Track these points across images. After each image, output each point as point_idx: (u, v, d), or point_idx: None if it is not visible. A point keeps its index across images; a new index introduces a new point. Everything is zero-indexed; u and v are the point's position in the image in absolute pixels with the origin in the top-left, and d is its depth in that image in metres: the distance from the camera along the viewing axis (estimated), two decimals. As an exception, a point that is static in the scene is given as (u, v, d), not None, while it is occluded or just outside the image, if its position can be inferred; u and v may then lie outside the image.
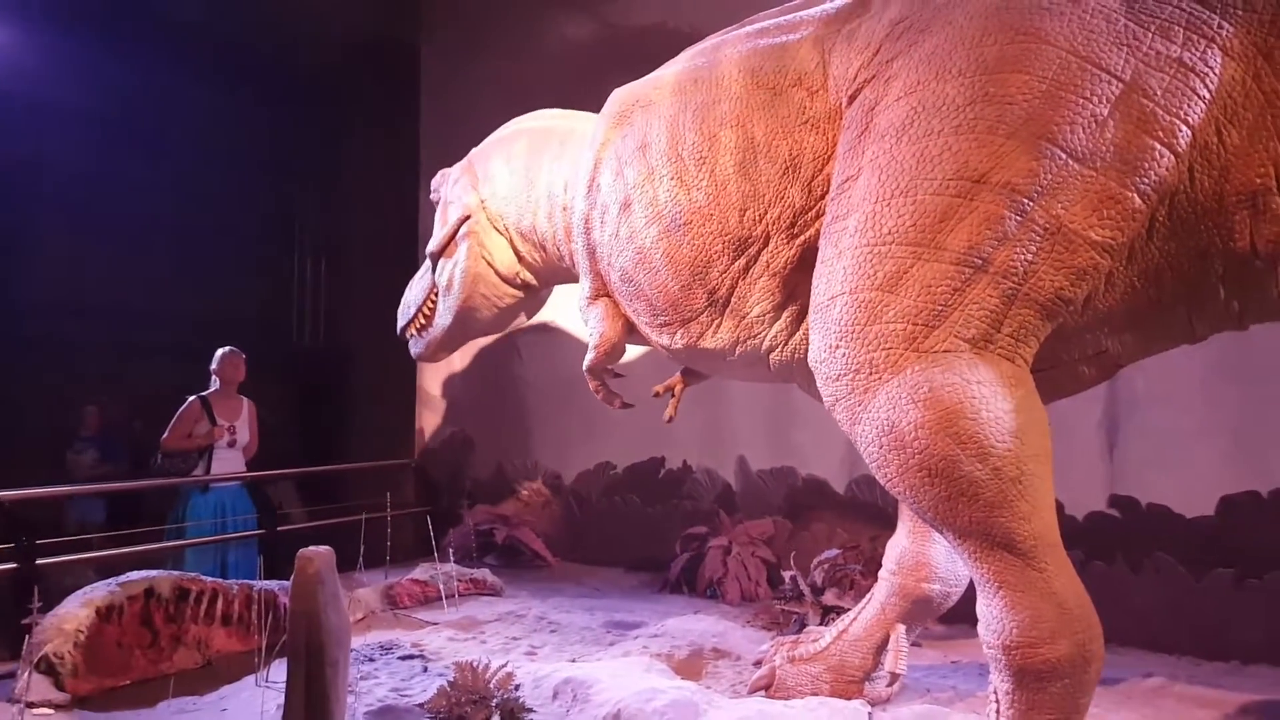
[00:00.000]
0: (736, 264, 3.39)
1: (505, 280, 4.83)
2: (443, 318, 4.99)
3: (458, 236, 4.83)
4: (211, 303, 8.47)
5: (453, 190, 4.96)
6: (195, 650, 4.38)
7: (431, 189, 5.24)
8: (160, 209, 8.48)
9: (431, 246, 4.98)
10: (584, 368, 4.22)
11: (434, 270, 5.00)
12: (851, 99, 2.97)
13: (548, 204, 4.46)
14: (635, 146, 3.68)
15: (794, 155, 3.19)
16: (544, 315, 7.28)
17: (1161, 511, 4.85)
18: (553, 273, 4.77)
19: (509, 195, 4.65)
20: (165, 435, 6.46)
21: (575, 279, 4.44)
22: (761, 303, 3.39)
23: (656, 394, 4.38)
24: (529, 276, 4.85)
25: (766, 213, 3.27)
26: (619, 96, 3.97)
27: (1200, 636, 4.62)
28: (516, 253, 4.76)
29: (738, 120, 3.34)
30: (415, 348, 5.30)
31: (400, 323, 5.30)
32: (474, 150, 5.04)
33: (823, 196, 3.11)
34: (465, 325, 5.03)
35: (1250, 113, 2.39)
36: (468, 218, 4.78)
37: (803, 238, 3.21)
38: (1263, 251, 2.49)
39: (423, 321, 5.15)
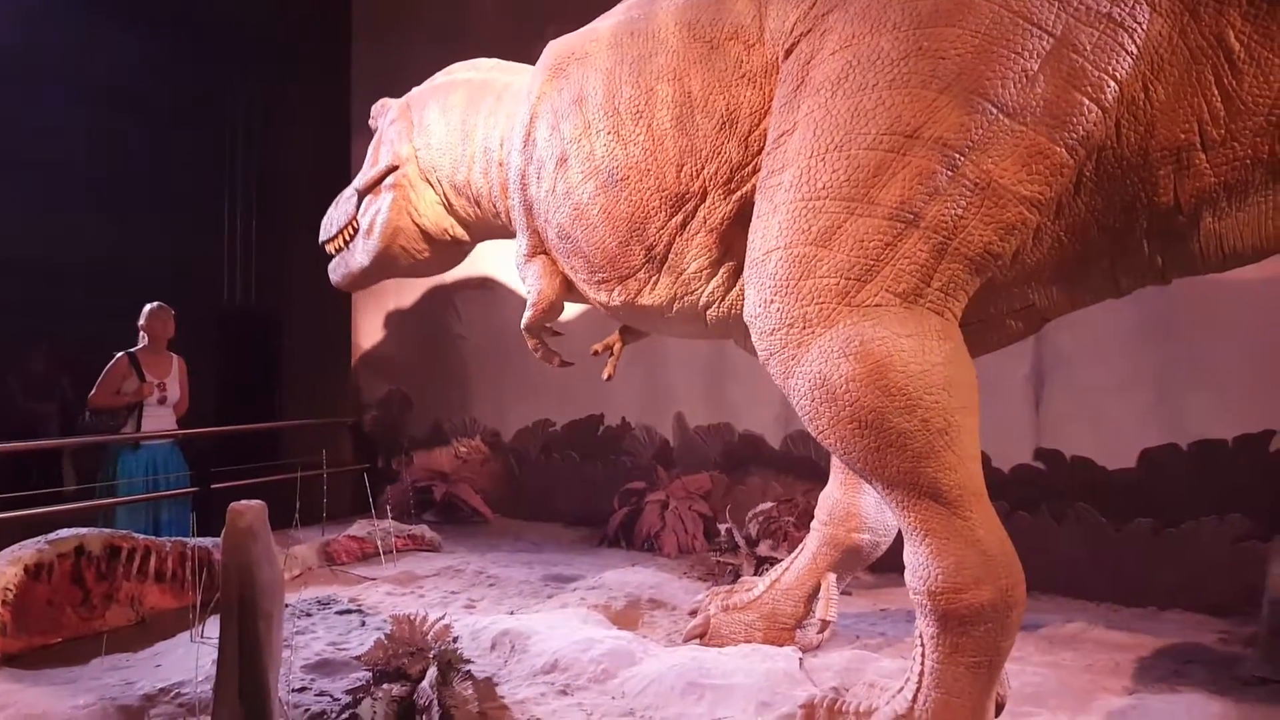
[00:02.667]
0: (674, 220, 3.38)
1: (429, 235, 4.80)
2: (360, 257, 4.97)
3: (384, 184, 4.77)
4: (139, 258, 8.26)
5: (388, 129, 4.87)
6: (128, 608, 4.32)
7: (371, 115, 5.15)
8: (84, 162, 8.22)
9: (358, 184, 4.93)
10: (522, 326, 4.19)
11: (358, 205, 4.95)
12: (788, 53, 2.97)
13: (484, 159, 4.40)
14: (571, 100, 3.64)
15: (731, 110, 3.18)
16: (482, 272, 7.27)
17: (1084, 463, 4.99)
18: (487, 228, 4.72)
19: (443, 147, 4.58)
20: (93, 393, 6.33)
21: (510, 235, 4.40)
22: (699, 259, 3.39)
23: (595, 353, 4.39)
24: (459, 231, 4.81)
25: (704, 168, 3.26)
26: (554, 49, 3.91)
27: (1120, 583, 4.78)
28: (449, 206, 4.71)
29: (674, 74, 3.31)
30: (334, 275, 5.29)
31: (322, 236, 5.27)
32: (414, 91, 4.95)
33: (759, 152, 3.11)
34: (382, 269, 5.04)
35: (1176, 69, 2.43)
36: (396, 167, 4.72)
37: (740, 193, 3.22)
38: (1185, 206, 2.56)
39: (341, 245, 5.13)
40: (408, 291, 7.95)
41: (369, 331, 8.27)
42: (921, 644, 2.71)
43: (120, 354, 6.47)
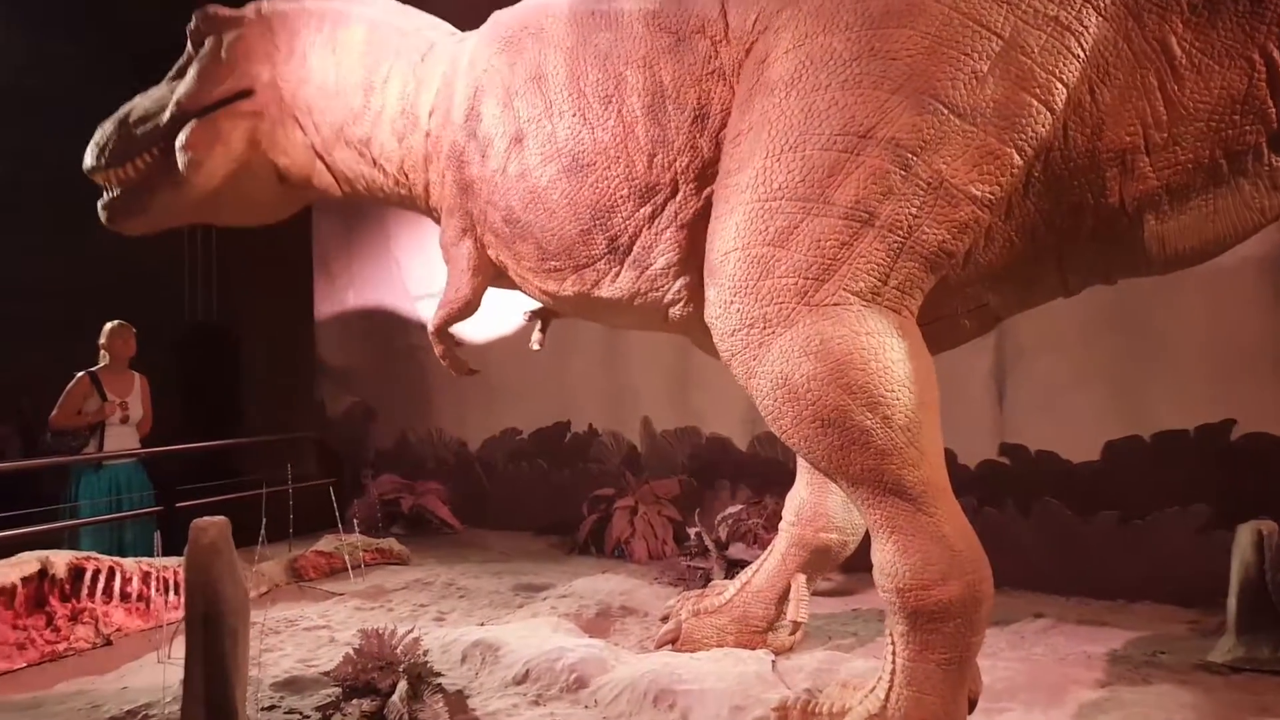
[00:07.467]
0: (642, 211, 3.25)
1: (284, 177, 4.16)
2: (174, 194, 4.17)
3: (233, 109, 4.05)
4: (99, 276, 8.16)
5: (235, 46, 4.11)
6: (94, 629, 4.27)
7: (194, 22, 4.26)
8: (40, 179, 8.11)
9: (183, 98, 4.11)
10: (430, 330, 3.99)
11: (170, 123, 4.12)
12: (748, 51, 2.96)
13: (402, 121, 3.92)
14: (528, 77, 3.46)
15: (703, 105, 3.10)
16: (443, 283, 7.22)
17: (1049, 457, 5.03)
18: (377, 192, 4.15)
19: (334, 91, 4.00)
20: (54, 413, 6.24)
21: (406, 206, 4.13)
22: (667, 255, 3.26)
23: (528, 317, 4.22)
24: (326, 181, 4.19)
25: (676, 160, 3.16)
26: (504, 20, 3.70)
27: (1088, 576, 4.82)
28: (324, 154, 4.11)
29: (644, 62, 3.19)
30: (116, 214, 4.37)
31: (90, 160, 4.30)
32: (274, 6, 4.19)
33: None
34: (197, 212, 4.34)
35: (1121, 72, 2.47)
36: (250, 91, 4.08)
37: (709, 190, 3.11)
38: (1129, 208, 2.61)
39: (128, 176, 4.25)
40: (370, 304, 7.91)
41: (331, 345, 8.22)
42: (892, 642, 2.72)
43: (81, 373, 6.38)
